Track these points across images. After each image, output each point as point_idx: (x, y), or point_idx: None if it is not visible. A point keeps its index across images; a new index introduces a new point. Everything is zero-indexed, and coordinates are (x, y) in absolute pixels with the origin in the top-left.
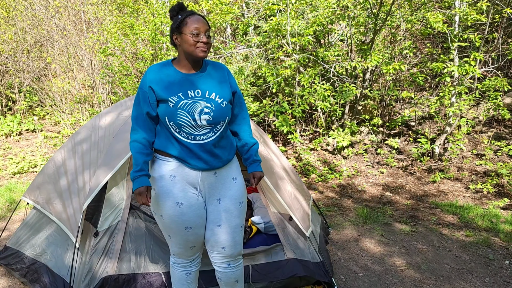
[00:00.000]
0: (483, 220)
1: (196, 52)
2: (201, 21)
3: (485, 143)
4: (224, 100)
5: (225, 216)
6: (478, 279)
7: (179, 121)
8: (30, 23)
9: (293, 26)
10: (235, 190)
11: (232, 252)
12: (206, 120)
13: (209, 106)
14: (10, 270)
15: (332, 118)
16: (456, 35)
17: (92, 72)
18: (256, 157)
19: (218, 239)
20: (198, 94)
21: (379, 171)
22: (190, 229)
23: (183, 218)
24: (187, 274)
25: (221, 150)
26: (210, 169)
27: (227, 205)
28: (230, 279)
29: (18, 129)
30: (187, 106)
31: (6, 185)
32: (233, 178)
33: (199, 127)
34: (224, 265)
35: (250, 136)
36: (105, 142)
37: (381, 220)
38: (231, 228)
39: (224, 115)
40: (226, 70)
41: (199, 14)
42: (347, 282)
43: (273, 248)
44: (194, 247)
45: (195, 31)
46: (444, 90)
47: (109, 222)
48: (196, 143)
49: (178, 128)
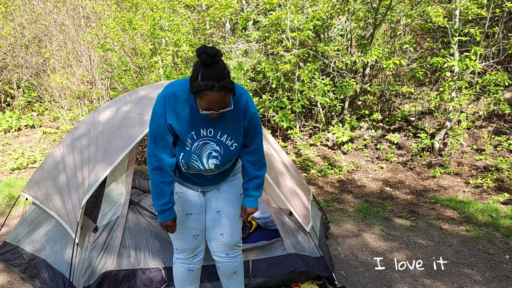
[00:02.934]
0: (483, 215)
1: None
2: (217, 102)
3: (485, 138)
4: (234, 142)
5: (224, 204)
6: (479, 274)
7: (190, 163)
8: (28, 18)
9: (293, 21)
10: (235, 183)
11: (230, 240)
12: (214, 164)
13: (218, 150)
14: (9, 265)
15: (332, 113)
16: (456, 30)
17: (91, 67)
18: (254, 191)
19: (217, 224)
20: (210, 133)
21: (379, 166)
22: (191, 215)
23: (183, 205)
24: (189, 271)
25: (225, 174)
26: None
27: (227, 194)
28: (228, 270)
29: (17, 125)
30: (197, 149)
31: (5, 180)
32: (233, 174)
33: (207, 170)
34: (222, 255)
35: (254, 168)
36: (104, 137)
37: (381, 215)
38: (230, 216)
39: (232, 157)
40: (245, 103)
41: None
42: (348, 277)
43: (273, 243)
44: (197, 236)
45: (206, 111)
46: (444, 85)
47: (108, 217)
48: (200, 174)
49: (187, 166)
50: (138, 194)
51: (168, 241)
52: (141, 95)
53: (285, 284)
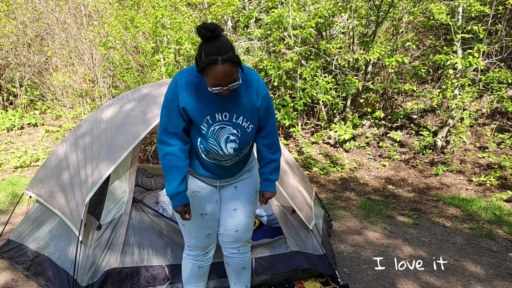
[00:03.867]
0: (487, 212)
1: (215, 92)
2: (224, 75)
3: (488, 136)
4: (250, 124)
5: (241, 201)
6: (482, 271)
7: (209, 147)
8: (30, 17)
9: (295, 19)
10: (251, 180)
11: (243, 236)
12: (233, 148)
13: (235, 133)
14: (13, 263)
15: (334, 111)
16: (459, 27)
17: (93, 65)
18: (271, 175)
19: (233, 222)
20: (226, 117)
21: (381, 164)
22: (206, 215)
23: (198, 205)
24: (198, 268)
25: (241, 164)
26: (227, 177)
27: (244, 192)
28: (238, 265)
29: (20, 123)
30: (215, 134)
31: (9, 179)
32: (248, 170)
33: (226, 155)
34: (234, 251)
35: (270, 152)
36: (107, 135)
37: (384, 213)
38: (246, 213)
39: (249, 140)
40: (256, 83)
41: (228, 59)
42: (351, 274)
43: (276, 241)
44: (210, 235)
45: (215, 88)
46: (446, 83)
47: (112, 215)
48: (219, 164)
49: (206, 152)
50: (141, 192)
51: (171, 238)
52: (144, 93)
53: (288, 281)
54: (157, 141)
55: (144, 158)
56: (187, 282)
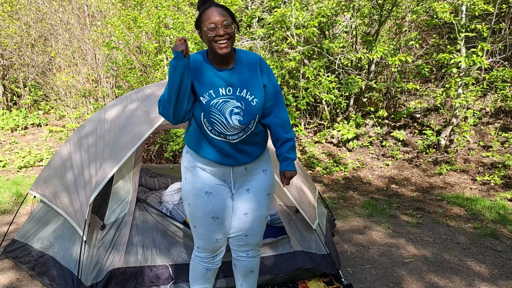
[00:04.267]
0: (491, 212)
1: (216, 48)
2: (217, 13)
3: (492, 135)
4: (255, 98)
5: (252, 205)
6: (486, 271)
7: (212, 119)
8: (34, 17)
9: (298, 18)
10: (264, 181)
11: (253, 241)
12: (238, 120)
13: (239, 106)
14: (18, 263)
15: (337, 111)
16: (463, 26)
17: (96, 66)
18: (288, 154)
19: (243, 226)
20: (230, 92)
21: (384, 163)
22: (217, 219)
23: (210, 207)
24: (206, 270)
25: (251, 146)
26: (239, 164)
27: (256, 196)
28: (245, 269)
29: (24, 124)
30: (219, 106)
31: (13, 179)
32: (263, 170)
33: (231, 127)
34: (242, 254)
35: (283, 131)
36: (111, 135)
37: (387, 212)
38: (257, 218)
39: (255, 114)
40: (259, 62)
41: (219, 4)
42: (354, 274)
43: (280, 241)
44: (220, 239)
45: (211, 25)
46: (450, 82)
47: (115, 215)
48: (227, 142)
49: (211, 126)
50: (144, 192)
51: (175, 238)
52: (147, 93)
53: (291, 281)
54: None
55: (148, 158)
56: (194, 282)
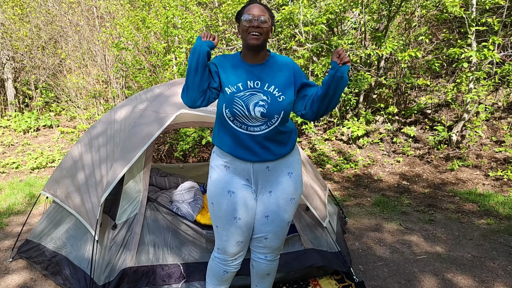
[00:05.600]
0: (504, 207)
1: (248, 39)
2: (257, 8)
3: (504, 130)
4: (282, 94)
5: (273, 208)
6: (500, 268)
7: (234, 109)
8: (44, 20)
9: (306, 15)
10: (288, 185)
11: (273, 245)
12: (260, 112)
13: (265, 99)
14: (32, 263)
15: (347, 108)
16: (473, 19)
17: (105, 67)
18: None
19: (263, 229)
20: (257, 85)
21: (395, 160)
22: (239, 220)
23: (232, 207)
24: (224, 273)
25: (274, 144)
26: (260, 161)
27: (278, 199)
28: (262, 271)
29: (36, 125)
30: (244, 97)
31: (26, 180)
32: (288, 172)
33: (253, 118)
34: (261, 256)
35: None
36: (121, 135)
37: (399, 209)
38: (277, 222)
39: (280, 109)
40: (291, 65)
41: (262, 3)
42: (366, 271)
43: (290, 239)
44: (240, 243)
45: (248, 16)
46: (461, 76)
47: (127, 214)
48: (248, 133)
49: (233, 117)
50: (155, 191)
51: (186, 237)
52: (157, 93)
53: (303, 279)
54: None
55: (158, 157)
56: (210, 281)
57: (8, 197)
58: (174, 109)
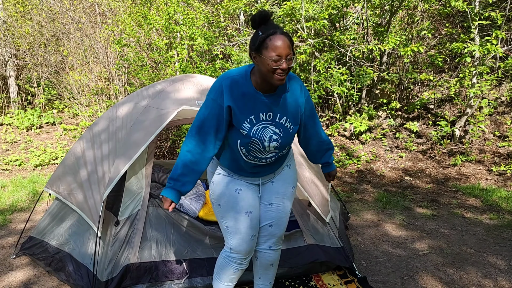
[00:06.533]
0: (507, 202)
1: (273, 80)
2: (284, 45)
3: (508, 124)
4: (292, 125)
5: (276, 196)
6: (504, 262)
7: (250, 147)
8: (46, 17)
9: (308, 10)
10: (289, 175)
11: (277, 232)
12: (275, 147)
13: (278, 133)
14: (35, 259)
15: (349, 103)
16: (476, 14)
17: (108, 63)
18: (330, 160)
19: (268, 216)
20: (270, 117)
21: (398, 155)
22: (251, 213)
23: (242, 203)
24: (235, 270)
25: (278, 162)
26: (264, 175)
27: (280, 187)
28: (267, 261)
29: (38, 122)
30: (258, 132)
31: (29, 177)
32: (287, 165)
33: (266, 152)
34: (266, 247)
35: (325, 145)
36: (122, 132)
37: (401, 204)
38: (281, 208)
39: (290, 140)
40: (299, 87)
41: (285, 33)
42: (368, 267)
43: (293, 234)
44: (254, 236)
45: (276, 57)
46: (464, 71)
47: (129, 211)
48: (259, 163)
49: (247, 153)
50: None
51: (188, 233)
52: (158, 89)
53: (305, 274)
54: (186, 136)
55: (160, 154)
56: (219, 279)
57: (12, 194)
58: (176, 105)
